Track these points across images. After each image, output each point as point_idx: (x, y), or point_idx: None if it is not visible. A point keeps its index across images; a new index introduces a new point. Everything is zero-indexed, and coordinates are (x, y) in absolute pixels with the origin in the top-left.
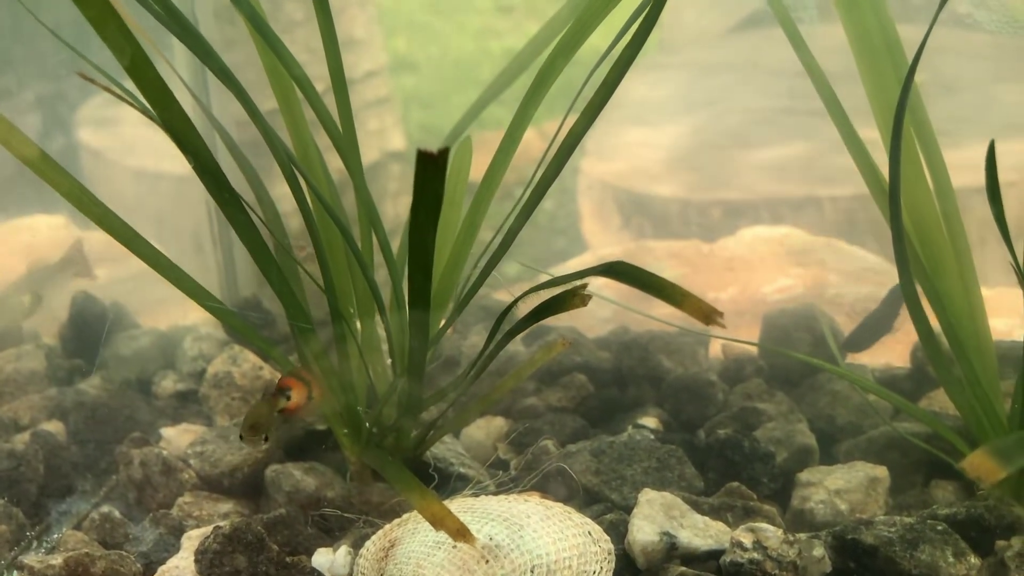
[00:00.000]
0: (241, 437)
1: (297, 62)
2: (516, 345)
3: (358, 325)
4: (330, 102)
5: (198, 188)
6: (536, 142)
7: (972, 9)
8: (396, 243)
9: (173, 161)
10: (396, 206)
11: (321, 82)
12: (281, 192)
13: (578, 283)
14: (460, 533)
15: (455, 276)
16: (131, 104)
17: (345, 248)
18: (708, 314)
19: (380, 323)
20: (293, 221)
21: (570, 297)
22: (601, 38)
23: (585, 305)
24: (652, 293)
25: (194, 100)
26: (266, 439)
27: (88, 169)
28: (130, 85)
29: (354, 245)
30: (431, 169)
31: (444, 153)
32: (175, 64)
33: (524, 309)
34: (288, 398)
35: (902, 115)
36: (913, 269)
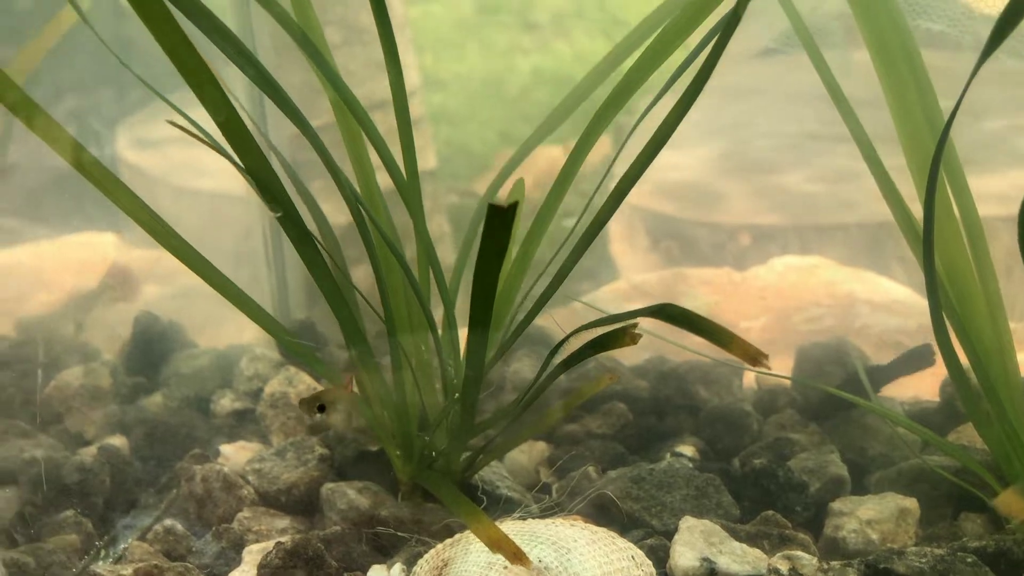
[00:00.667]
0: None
1: (364, 111)
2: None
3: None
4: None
5: (237, 208)
6: (563, 160)
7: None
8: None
9: (211, 179)
10: (428, 225)
11: (361, 101)
12: (327, 209)
13: (629, 322)
14: (516, 556)
15: (507, 307)
16: (215, 148)
17: (403, 278)
18: (754, 356)
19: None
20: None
21: (621, 335)
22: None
23: (636, 343)
24: (702, 335)
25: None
26: (321, 409)
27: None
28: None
29: (414, 280)
30: (500, 221)
31: (513, 207)
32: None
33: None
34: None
35: (937, 167)
36: (942, 304)
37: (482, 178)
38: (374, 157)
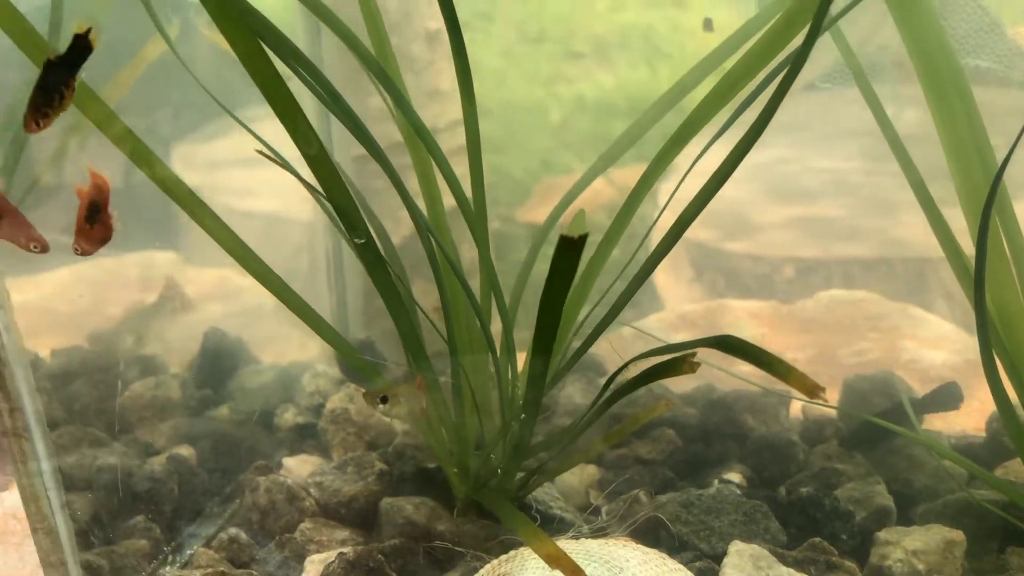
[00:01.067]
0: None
1: (437, 145)
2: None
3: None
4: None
5: (291, 228)
6: (606, 190)
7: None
8: (475, 285)
9: (263, 200)
10: (473, 250)
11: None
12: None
13: (688, 352)
14: (575, 573)
15: (564, 333)
16: (299, 179)
17: (466, 303)
18: (811, 389)
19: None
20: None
21: (681, 363)
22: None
23: (694, 372)
24: (761, 367)
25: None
26: (384, 400)
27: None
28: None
29: (477, 306)
30: (570, 251)
31: (583, 239)
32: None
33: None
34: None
35: (990, 207)
36: (992, 341)
37: (524, 205)
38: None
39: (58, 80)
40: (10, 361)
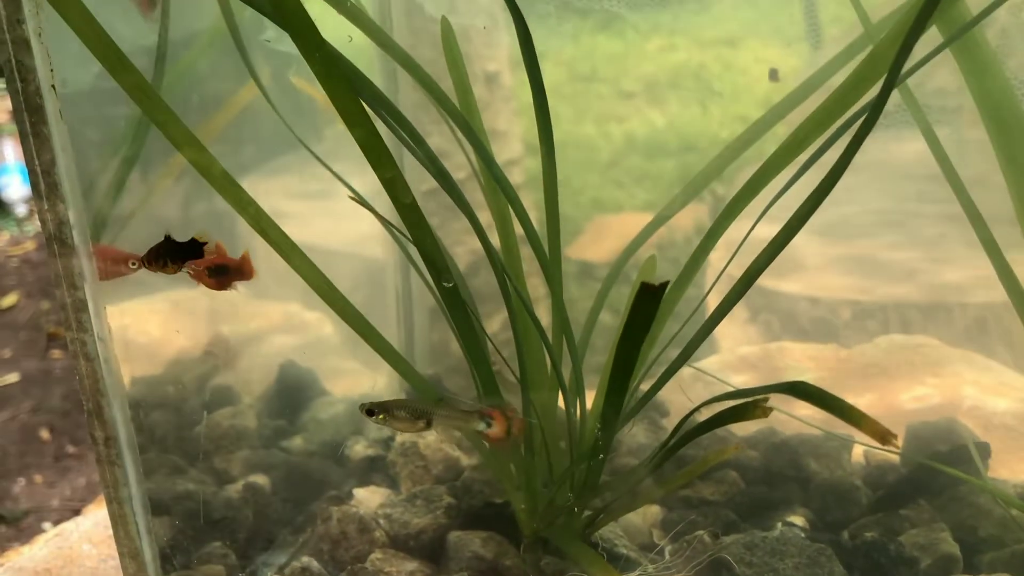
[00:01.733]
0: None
1: (514, 190)
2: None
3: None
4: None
5: (355, 264)
6: (658, 230)
7: None
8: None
9: (326, 237)
10: (538, 287)
11: (462, 170)
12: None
13: (760, 397)
14: None
15: (634, 376)
16: (385, 224)
17: (536, 342)
18: (883, 435)
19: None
20: None
21: (753, 408)
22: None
23: (767, 416)
24: (834, 414)
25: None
26: (428, 424)
27: (243, 239)
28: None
29: (549, 345)
30: (649, 299)
31: (664, 286)
32: None
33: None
34: (488, 425)
35: None
36: None
37: (575, 242)
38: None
39: (169, 254)
40: (108, 392)
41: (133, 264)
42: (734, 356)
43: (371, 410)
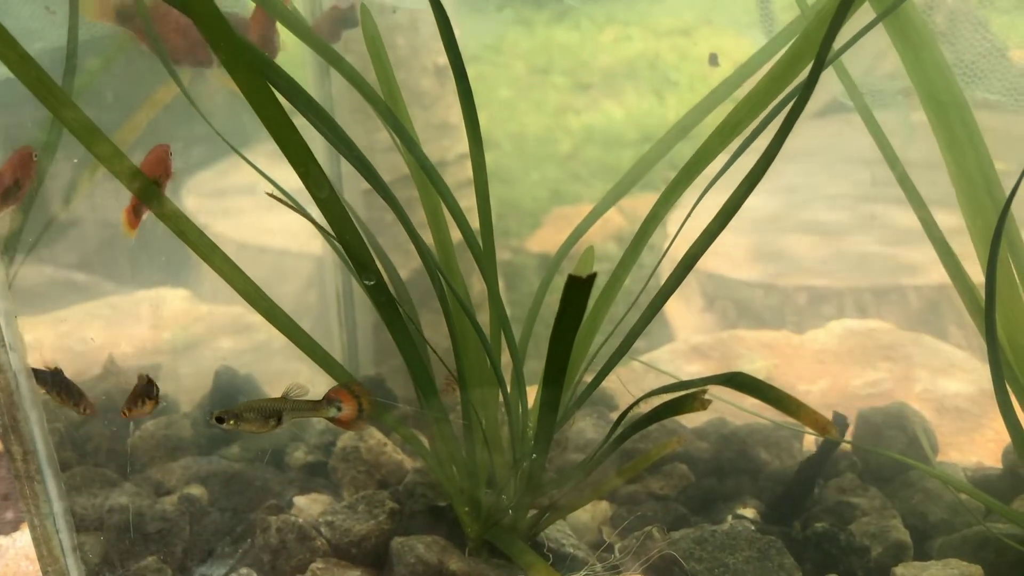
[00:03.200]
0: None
1: (446, 185)
2: (598, 427)
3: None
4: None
5: (300, 264)
6: (615, 219)
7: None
8: (484, 318)
9: (273, 236)
10: (482, 282)
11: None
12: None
13: (699, 388)
14: None
15: (575, 368)
16: (311, 220)
17: (475, 341)
18: (823, 426)
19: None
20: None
21: (692, 401)
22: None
23: (705, 409)
24: (771, 404)
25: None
26: (279, 422)
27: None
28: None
29: (487, 342)
30: (579, 291)
31: (592, 278)
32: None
33: (625, 393)
34: (339, 409)
35: (998, 242)
36: (1005, 373)
37: (534, 236)
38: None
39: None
40: (24, 406)
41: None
42: (686, 346)
43: (220, 418)
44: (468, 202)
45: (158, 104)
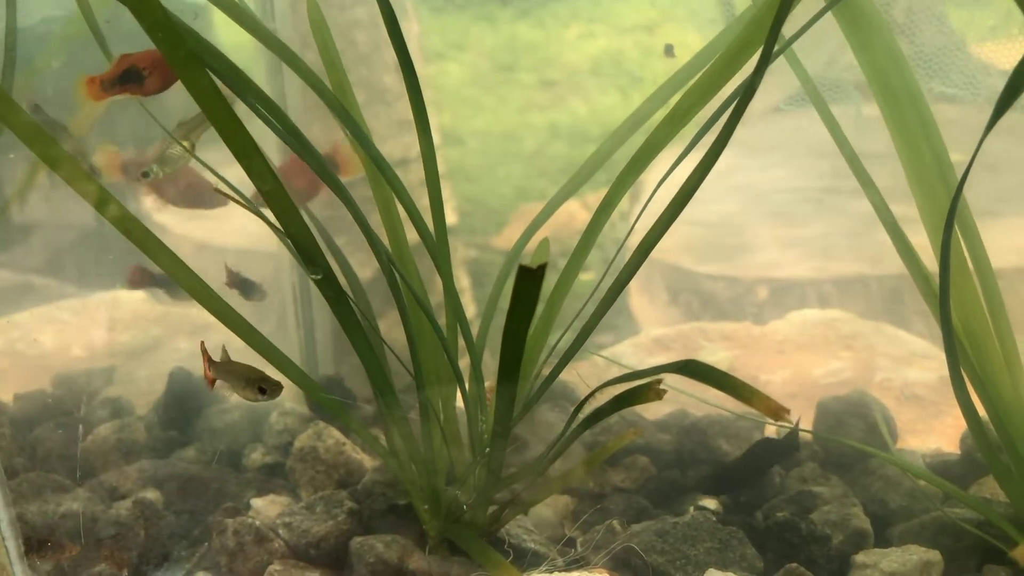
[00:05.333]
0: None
1: (397, 176)
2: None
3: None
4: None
5: (261, 263)
6: (580, 214)
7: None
8: (442, 319)
9: (234, 235)
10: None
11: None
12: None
13: (654, 378)
14: None
15: (533, 362)
16: (257, 214)
17: (432, 337)
18: (776, 411)
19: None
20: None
21: (646, 391)
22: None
23: (660, 398)
24: (725, 391)
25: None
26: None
27: None
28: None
29: (444, 339)
30: (529, 282)
31: (542, 269)
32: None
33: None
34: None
35: (950, 232)
36: (960, 359)
37: (500, 233)
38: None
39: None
40: None
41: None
42: (648, 338)
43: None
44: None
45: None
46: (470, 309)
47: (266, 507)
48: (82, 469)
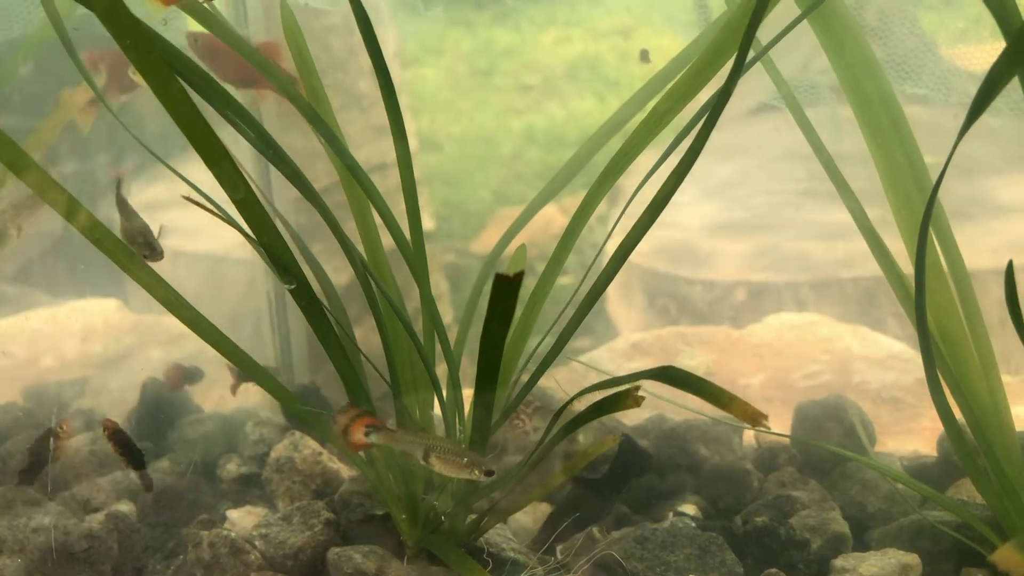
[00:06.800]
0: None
1: (372, 183)
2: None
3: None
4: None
5: (237, 270)
6: (558, 217)
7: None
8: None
9: (209, 242)
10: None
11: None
12: (328, 269)
13: (631, 385)
14: None
15: (511, 368)
16: (231, 224)
17: (408, 345)
18: (754, 417)
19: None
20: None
21: (624, 398)
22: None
23: (638, 405)
24: (703, 397)
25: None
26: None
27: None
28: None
29: (420, 346)
30: (506, 290)
31: (519, 277)
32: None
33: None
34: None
35: (925, 236)
36: (936, 361)
37: (479, 237)
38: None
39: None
40: None
41: None
42: (627, 343)
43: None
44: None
45: (71, 109)
46: (448, 314)
47: (242, 518)
48: (55, 482)
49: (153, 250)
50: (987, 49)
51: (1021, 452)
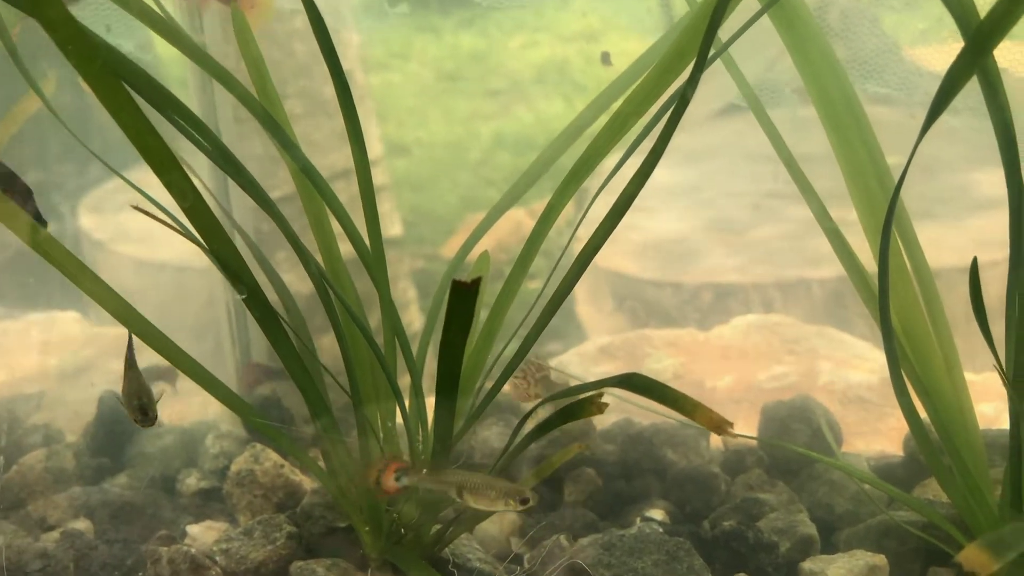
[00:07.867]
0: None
1: (328, 186)
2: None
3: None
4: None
5: (199, 280)
6: (526, 220)
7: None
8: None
9: (172, 251)
10: (394, 291)
11: (325, 170)
12: (289, 279)
13: (594, 392)
14: None
15: (475, 374)
16: (180, 233)
17: (369, 354)
18: (718, 424)
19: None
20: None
21: (588, 405)
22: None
23: (602, 413)
24: (667, 404)
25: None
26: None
27: (89, 259)
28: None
29: (380, 354)
30: (463, 296)
31: (476, 284)
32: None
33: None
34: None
35: (888, 237)
36: (900, 361)
37: (447, 243)
38: (336, 225)
39: None
40: None
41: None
42: (594, 347)
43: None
44: (386, 207)
45: (21, 117)
46: (417, 321)
47: (202, 533)
48: (7, 501)
49: (145, 416)
50: (947, 49)
51: (985, 450)
